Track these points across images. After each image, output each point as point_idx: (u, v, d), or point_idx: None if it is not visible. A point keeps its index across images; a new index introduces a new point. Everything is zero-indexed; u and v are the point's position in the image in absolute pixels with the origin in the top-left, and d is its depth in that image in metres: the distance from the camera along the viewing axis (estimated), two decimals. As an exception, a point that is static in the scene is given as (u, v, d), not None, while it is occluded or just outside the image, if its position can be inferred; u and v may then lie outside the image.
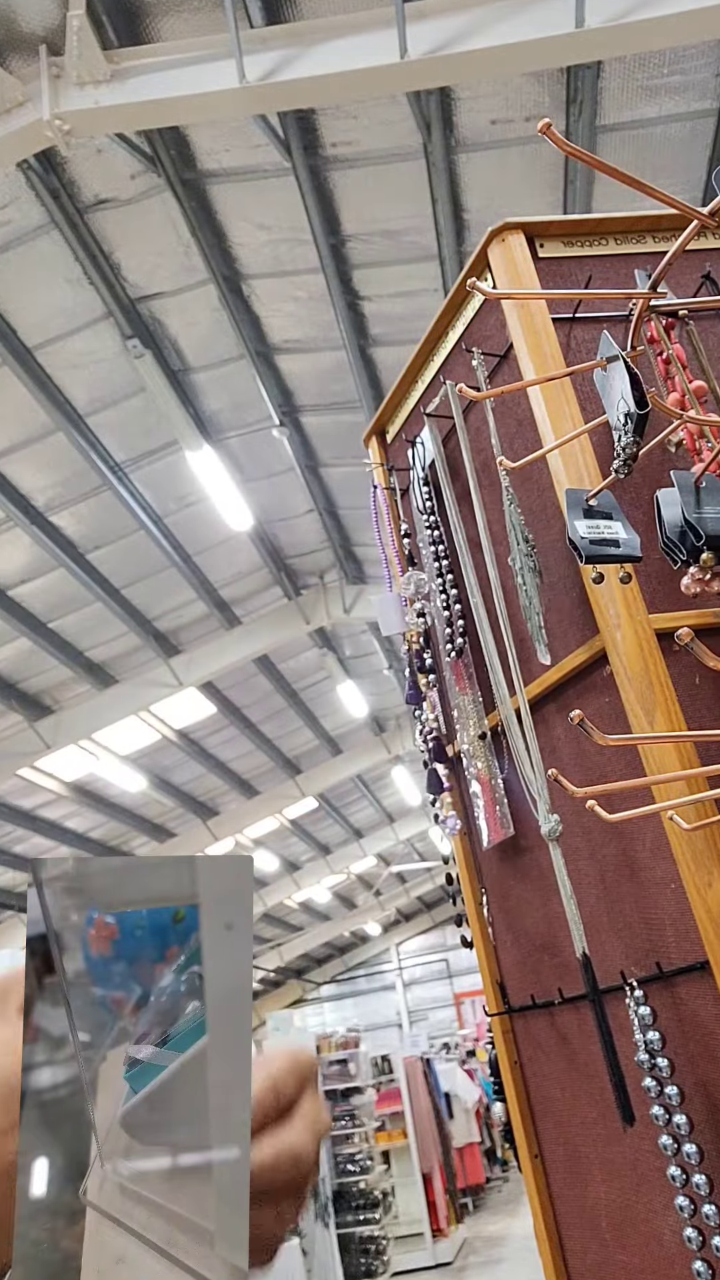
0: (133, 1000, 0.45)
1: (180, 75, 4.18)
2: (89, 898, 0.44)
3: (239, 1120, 0.42)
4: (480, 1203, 11.32)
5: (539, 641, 1.17)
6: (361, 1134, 8.61)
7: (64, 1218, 0.41)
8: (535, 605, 1.18)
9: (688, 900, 1.04)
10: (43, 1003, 0.43)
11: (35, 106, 4.16)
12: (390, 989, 22.91)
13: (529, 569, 1.20)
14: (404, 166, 5.08)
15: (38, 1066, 0.42)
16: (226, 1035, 0.42)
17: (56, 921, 0.43)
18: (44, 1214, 0.41)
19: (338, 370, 6.60)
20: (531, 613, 1.18)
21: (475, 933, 1.46)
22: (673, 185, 5.00)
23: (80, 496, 6.97)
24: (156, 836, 12.77)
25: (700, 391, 1.18)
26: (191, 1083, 0.42)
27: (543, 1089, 1.31)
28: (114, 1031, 0.45)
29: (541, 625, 1.17)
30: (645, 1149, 1.12)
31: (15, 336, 5.61)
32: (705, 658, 0.85)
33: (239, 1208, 0.41)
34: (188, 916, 0.43)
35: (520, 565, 1.20)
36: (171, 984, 0.44)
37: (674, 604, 1.15)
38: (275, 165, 5.00)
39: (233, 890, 0.42)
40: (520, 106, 4.74)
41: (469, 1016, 18.93)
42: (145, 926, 0.44)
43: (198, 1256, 0.41)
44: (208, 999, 0.42)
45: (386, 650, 10.69)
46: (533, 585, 1.19)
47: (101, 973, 0.44)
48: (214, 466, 6.71)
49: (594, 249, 1.37)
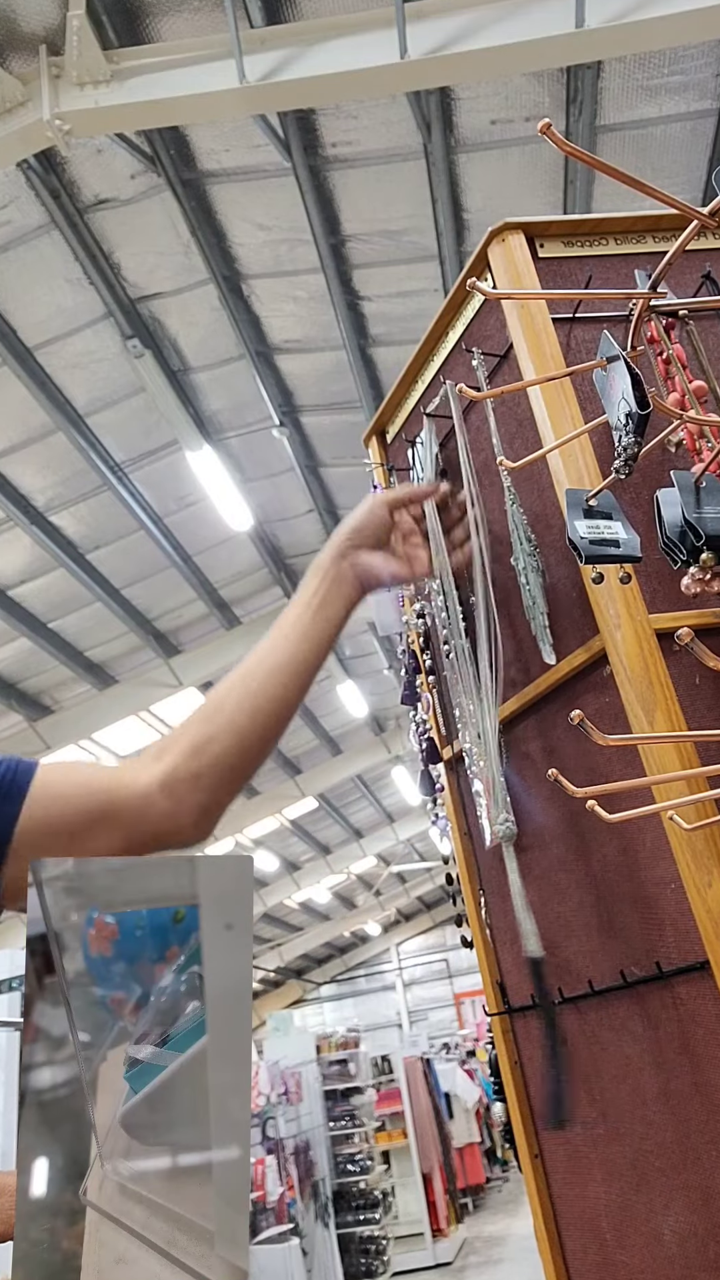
0: (133, 1000, 0.45)
1: (180, 75, 4.18)
2: (89, 898, 0.44)
3: (239, 1120, 0.42)
4: (480, 1203, 11.32)
5: (544, 641, 1.17)
6: (361, 1134, 8.61)
7: (64, 1218, 0.41)
8: (540, 605, 1.18)
9: (688, 900, 1.04)
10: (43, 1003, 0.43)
11: (35, 106, 4.16)
12: (390, 989, 22.91)
13: (533, 569, 1.20)
14: (404, 166, 5.08)
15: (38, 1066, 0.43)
16: (226, 1035, 0.42)
17: (57, 921, 0.43)
18: (44, 1214, 0.41)
19: (338, 370, 6.60)
20: (535, 612, 1.18)
21: (475, 933, 1.46)
22: (673, 185, 5.00)
23: (80, 496, 6.97)
24: (156, 836, 12.76)
25: (700, 391, 1.18)
26: (191, 1083, 0.42)
27: (543, 1089, 1.32)
28: (114, 1031, 0.45)
29: (546, 625, 1.17)
30: (645, 1149, 1.12)
31: (15, 336, 5.61)
32: (705, 658, 0.85)
33: (239, 1208, 0.41)
34: (188, 916, 0.43)
35: (524, 565, 1.20)
36: (171, 984, 0.44)
37: (674, 604, 1.15)
38: (275, 165, 5.00)
39: (233, 890, 0.42)
40: (520, 106, 4.75)
41: (469, 1016, 18.94)
42: (145, 926, 0.44)
43: (198, 1256, 0.41)
44: (208, 999, 0.42)
45: (386, 650, 10.69)
46: (536, 585, 1.19)
47: (102, 972, 0.44)
48: (214, 466, 6.71)
49: (594, 249, 1.37)
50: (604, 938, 1.18)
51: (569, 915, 1.25)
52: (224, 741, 1.03)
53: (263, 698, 1.06)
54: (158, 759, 1.02)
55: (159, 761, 1.01)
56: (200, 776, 1.01)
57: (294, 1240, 6.47)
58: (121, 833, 0.97)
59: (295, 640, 1.12)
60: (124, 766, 1.02)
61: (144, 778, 1.00)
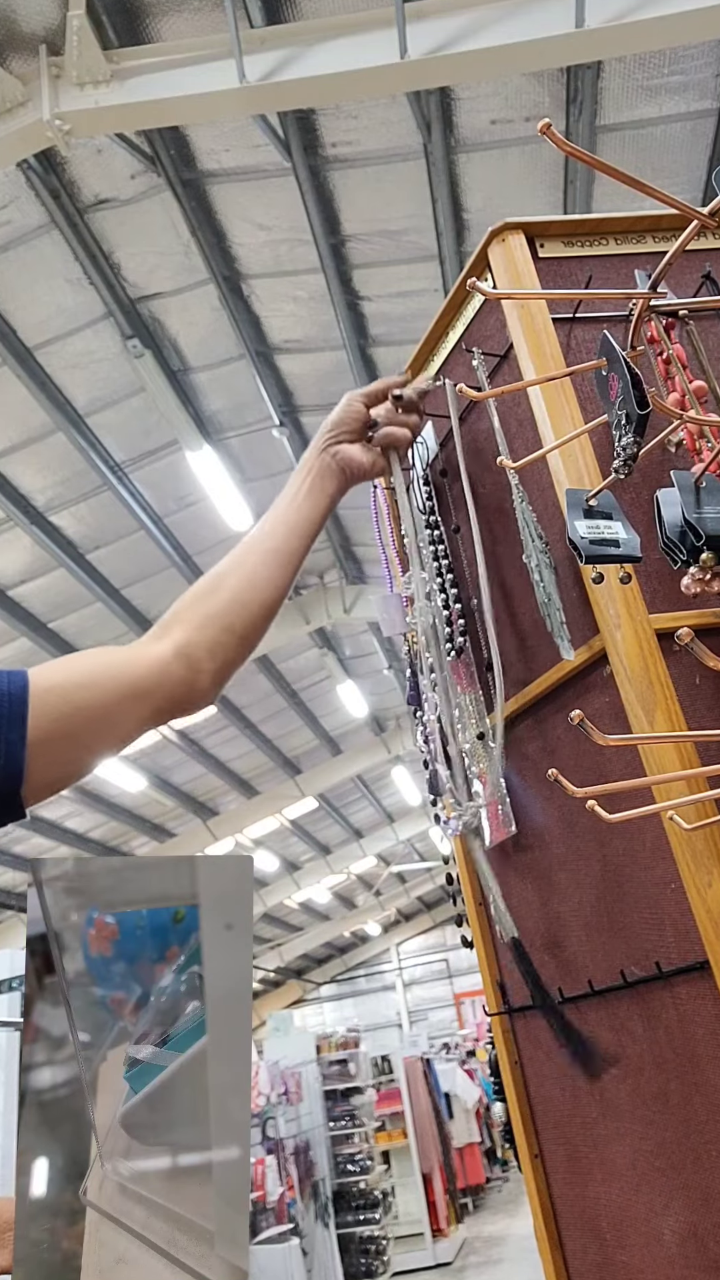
0: (133, 1000, 0.45)
1: (180, 75, 4.18)
2: (89, 898, 0.44)
3: (239, 1120, 0.42)
4: (480, 1203, 11.31)
5: (560, 638, 1.16)
6: (361, 1134, 8.61)
7: (64, 1218, 0.41)
8: (555, 602, 1.18)
9: (688, 900, 1.04)
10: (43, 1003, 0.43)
11: (35, 106, 4.17)
12: (390, 989, 22.91)
13: (546, 565, 1.20)
14: (404, 166, 5.08)
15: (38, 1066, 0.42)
16: (226, 1035, 0.42)
17: (57, 921, 0.43)
18: (44, 1214, 0.41)
19: (338, 370, 6.60)
20: (551, 609, 1.18)
21: (475, 933, 1.46)
22: (673, 185, 5.00)
23: (80, 496, 6.97)
24: (156, 836, 12.77)
25: (700, 391, 1.18)
26: (192, 1083, 0.42)
27: (543, 1089, 1.31)
28: (114, 1031, 0.45)
29: (563, 621, 1.17)
30: (645, 1149, 1.12)
31: (15, 336, 5.61)
32: (705, 658, 0.85)
33: (239, 1208, 0.41)
34: (188, 916, 0.43)
35: (537, 562, 1.20)
36: (171, 984, 0.44)
37: (674, 604, 1.15)
38: (275, 165, 5.00)
39: (233, 890, 0.42)
40: (520, 106, 4.75)
41: (469, 1016, 18.93)
42: (145, 926, 0.44)
43: (198, 1256, 0.41)
44: (208, 999, 0.42)
45: (386, 650, 10.69)
46: (550, 582, 1.19)
47: (102, 972, 0.44)
48: (214, 466, 6.71)
49: (594, 249, 1.37)
50: (604, 938, 1.18)
51: (569, 915, 1.25)
52: (231, 613, 1.13)
53: (259, 578, 1.16)
54: (164, 634, 1.10)
55: (168, 635, 1.10)
56: (214, 644, 1.11)
57: (294, 1240, 6.47)
58: (149, 704, 1.06)
59: (284, 531, 1.21)
60: (131, 646, 1.09)
61: (156, 650, 1.08)
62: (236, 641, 1.13)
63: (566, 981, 1.24)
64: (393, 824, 16.55)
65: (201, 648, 1.09)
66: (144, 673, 1.06)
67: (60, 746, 0.99)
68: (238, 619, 1.13)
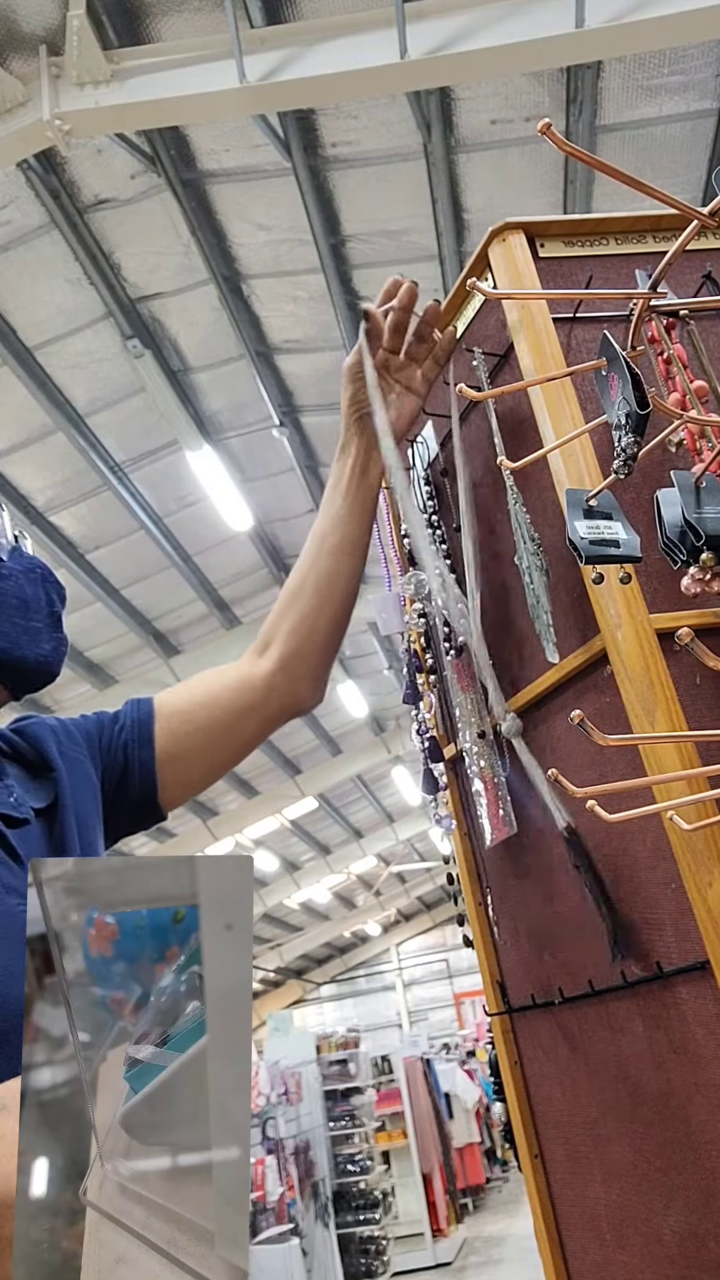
0: (133, 1000, 0.45)
1: (180, 75, 4.18)
2: (89, 898, 0.44)
3: (239, 1120, 0.42)
4: (480, 1203, 11.32)
5: (547, 640, 1.16)
6: (361, 1134, 8.61)
7: (64, 1218, 0.41)
8: (544, 604, 1.18)
9: (688, 900, 1.04)
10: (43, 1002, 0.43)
11: (35, 106, 4.17)
12: (390, 989, 22.91)
13: (537, 568, 1.20)
14: (404, 166, 5.08)
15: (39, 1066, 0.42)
16: (226, 1035, 0.42)
17: (56, 921, 0.43)
18: (44, 1214, 0.41)
19: (337, 370, 6.56)
20: (540, 611, 1.18)
21: (476, 932, 1.46)
22: (673, 185, 5.00)
23: (80, 496, 6.97)
24: (156, 837, 12.77)
25: (701, 391, 1.17)
26: (192, 1083, 0.42)
27: (543, 1089, 1.31)
28: (114, 1031, 0.45)
29: (550, 624, 1.17)
30: (645, 1149, 1.12)
31: (15, 336, 5.61)
32: (705, 658, 0.85)
33: (239, 1208, 0.41)
34: (188, 916, 0.43)
35: (528, 564, 1.20)
36: (171, 984, 0.44)
37: (674, 604, 1.15)
38: (275, 165, 5.00)
39: (233, 890, 0.42)
40: (520, 106, 4.75)
41: (469, 1016, 18.93)
42: (145, 926, 0.44)
43: (198, 1256, 0.41)
44: (208, 999, 0.42)
45: (386, 650, 10.69)
46: (541, 584, 1.19)
47: (102, 973, 0.44)
48: (214, 466, 6.71)
49: (594, 249, 1.37)
50: (604, 938, 1.18)
51: (569, 915, 1.25)
52: (314, 617, 1.25)
53: (334, 575, 1.27)
54: (264, 650, 1.24)
55: (269, 651, 1.24)
56: (307, 652, 1.24)
57: (294, 1240, 6.47)
58: (259, 716, 1.22)
59: (344, 522, 1.31)
60: (240, 664, 1.25)
61: (261, 668, 1.23)
62: (324, 640, 1.25)
63: (566, 981, 1.24)
64: (393, 824, 16.55)
65: (297, 657, 1.23)
66: (253, 690, 1.21)
67: (186, 760, 1.16)
68: (322, 622, 1.25)
